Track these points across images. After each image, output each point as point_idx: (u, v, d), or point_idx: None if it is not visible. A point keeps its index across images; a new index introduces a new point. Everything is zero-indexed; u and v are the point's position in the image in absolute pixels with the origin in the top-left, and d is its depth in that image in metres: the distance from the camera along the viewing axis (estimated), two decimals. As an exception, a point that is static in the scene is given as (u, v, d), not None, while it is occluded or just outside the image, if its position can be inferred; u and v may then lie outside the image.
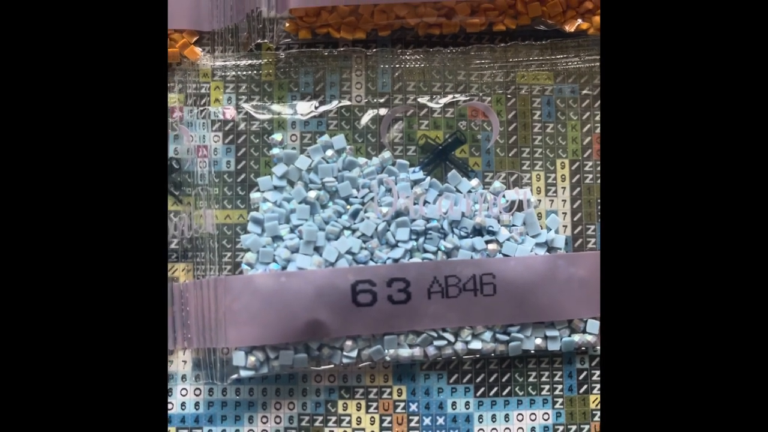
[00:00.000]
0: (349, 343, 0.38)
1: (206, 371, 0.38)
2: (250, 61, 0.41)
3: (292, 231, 0.39)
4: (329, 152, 0.40)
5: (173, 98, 0.40)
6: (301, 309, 0.37)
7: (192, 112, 0.40)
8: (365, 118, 0.41)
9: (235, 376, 0.38)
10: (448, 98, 0.41)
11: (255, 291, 0.37)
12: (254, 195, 0.39)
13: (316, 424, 0.39)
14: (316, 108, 0.41)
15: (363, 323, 0.38)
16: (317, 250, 0.38)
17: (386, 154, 0.40)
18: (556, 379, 0.40)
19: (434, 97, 0.41)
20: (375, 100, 0.41)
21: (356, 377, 0.40)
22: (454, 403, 0.40)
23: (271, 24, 0.40)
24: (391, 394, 0.40)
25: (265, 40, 0.40)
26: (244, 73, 0.41)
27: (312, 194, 0.39)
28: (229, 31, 0.41)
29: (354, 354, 0.38)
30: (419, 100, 0.41)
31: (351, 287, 0.38)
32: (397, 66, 0.41)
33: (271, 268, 0.38)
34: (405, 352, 0.38)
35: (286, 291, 0.37)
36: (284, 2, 0.39)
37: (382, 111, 0.41)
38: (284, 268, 0.38)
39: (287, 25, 0.40)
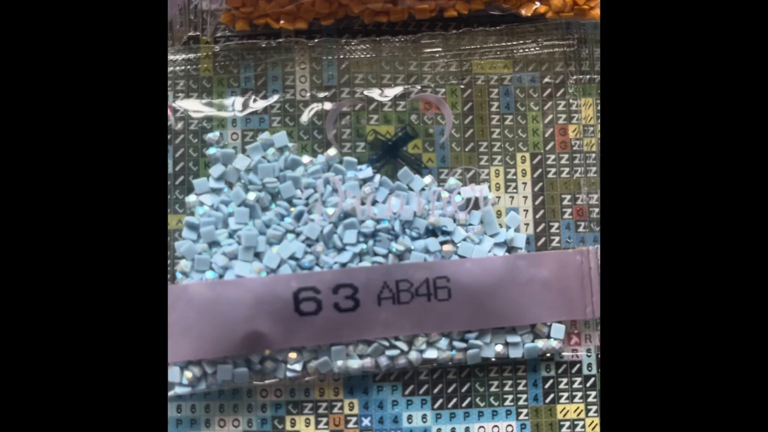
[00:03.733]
0: (292, 355, 0.35)
1: (143, 388, 0.36)
2: (186, 56, 0.38)
3: (230, 236, 0.36)
4: (270, 151, 0.37)
5: None
6: (240, 320, 0.35)
7: None
8: (309, 113, 0.38)
9: (171, 393, 0.35)
10: (399, 90, 0.38)
11: (189, 301, 0.35)
12: (189, 198, 0.37)
13: (263, 442, 0.37)
14: (254, 101, 0.38)
15: (307, 334, 0.35)
16: (257, 256, 0.36)
17: (332, 151, 0.37)
18: (520, 388, 0.37)
19: (383, 89, 0.38)
20: (320, 94, 0.38)
21: (304, 391, 0.37)
22: (410, 417, 0.37)
23: (205, 16, 0.38)
24: (342, 408, 0.37)
25: (198, 33, 0.38)
26: (181, 68, 0.38)
27: (252, 196, 0.36)
28: (164, 24, 0.38)
29: (299, 367, 0.36)
30: (367, 93, 0.38)
31: (293, 295, 0.35)
32: (343, 57, 0.38)
33: (207, 277, 0.35)
34: (355, 364, 0.36)
35: (222, 301, 0.35)
36: (218, -9, 0.37)
37: (328, 105, 0.38)
38: (222, 276, 0.35)
39: (223, 16, 0.38)
